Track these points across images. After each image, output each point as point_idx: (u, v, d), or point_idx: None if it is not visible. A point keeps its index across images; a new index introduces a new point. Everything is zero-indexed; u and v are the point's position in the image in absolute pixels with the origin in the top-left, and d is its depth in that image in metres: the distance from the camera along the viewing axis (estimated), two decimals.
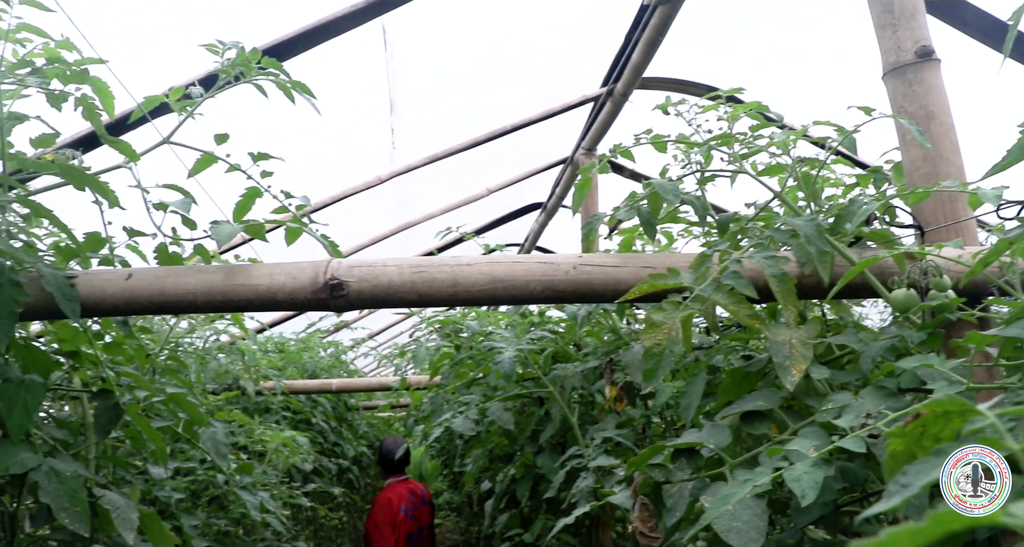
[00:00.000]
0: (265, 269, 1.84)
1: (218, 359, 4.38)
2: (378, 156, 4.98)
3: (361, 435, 7.99)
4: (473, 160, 5.41)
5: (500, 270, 1.83)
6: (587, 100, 5.06)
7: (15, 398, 1.86)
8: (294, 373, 6.08)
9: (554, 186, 6.84)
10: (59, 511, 1.88)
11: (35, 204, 1.83)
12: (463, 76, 4.67)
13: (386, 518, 5.85)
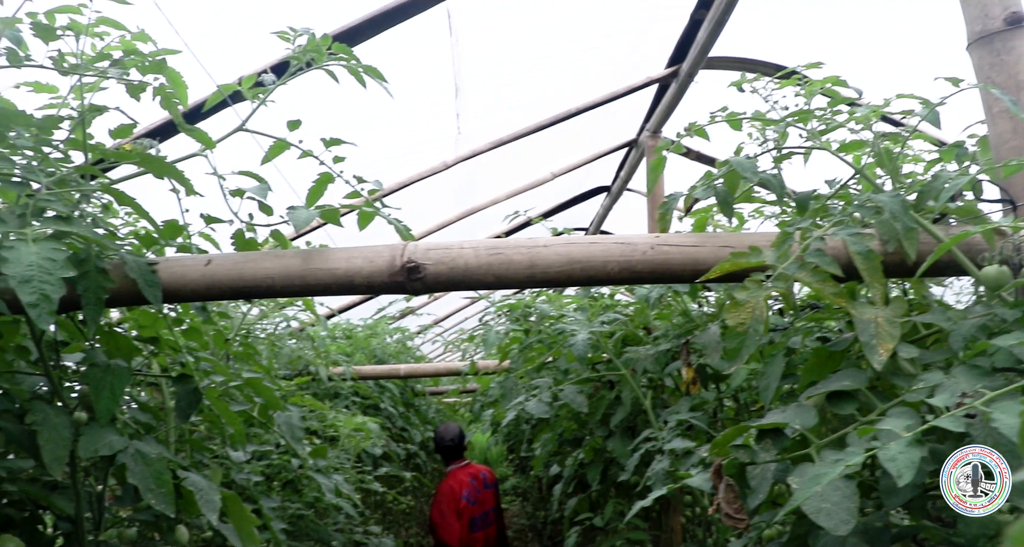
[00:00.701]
0: (342, 253, 1.85)
1: (289, 345, 4.44)
2: (443, 141, 4.99)
3: (428, 420, 8.05)
4: (537, 144, 5.39)
5: (577, 251, 1.81)
6: (652, 81, 5.00)
7: (102, 382, 1.90)
8: (362, 359, 6.13)
9: (618, 169, 6.79)
10: (146, 492, 1.92)
11: (118, 192, 1.86)
12: (527, 59, 4.65)
13: (450, 506, 5.86)
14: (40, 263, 1.54)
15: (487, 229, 6.97)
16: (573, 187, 7.24)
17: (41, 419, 1.83)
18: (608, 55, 5.11)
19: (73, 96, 2.22)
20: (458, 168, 5.03)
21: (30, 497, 2.18)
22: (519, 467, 10.19)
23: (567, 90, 5.11)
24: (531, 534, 9.90)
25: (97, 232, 1.80)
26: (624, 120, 5.94)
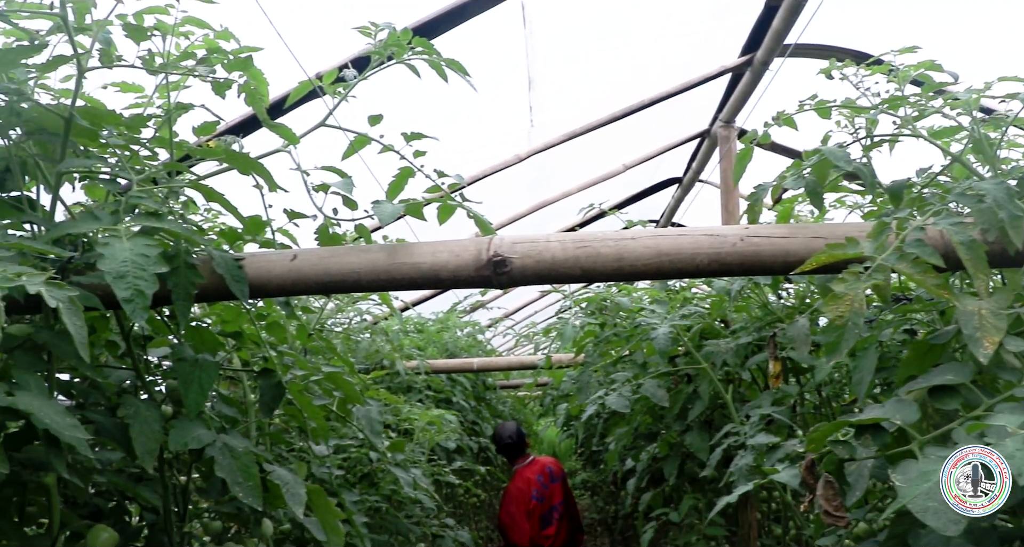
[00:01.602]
0: (428, 247, 1.84)
1: (362, 339, 4.47)
2: (516, 134, 4.98)
3: (498, 414, 8.06)
4: (609, 136, 5.35)
5: (665, 243, 1.78)
6: (726, 71, 4.93)
7: (191, 376, 1.93)
8: (434, 353, 6.16)
9: (690, 160, 6.71)
10: (233, 485, 1.94)
11: (207, 188, 1.88)
12: (600, 51, 4.61)
13: (519, 507, 5.80)
14: (134, 259, 1.56)
15: (558, 222, 6.94)
16: (644, 179, 7.18)
17: (133, 413, 1.86)
18: (681, 45, 5.05)
19: (158, 95, 2.26)
20: (530, 161, 5.01)
21: (117, 488, 2.23)
22: (588, 461, 10.17)
23: (639, 81, 5.06)
24: (600, 528, 9.86)
25: (187, 228, 1.82)
26: (696, 110, 5.87)
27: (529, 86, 4.50)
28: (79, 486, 1.98)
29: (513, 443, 6.02)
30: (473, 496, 6.58)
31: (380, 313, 5.06)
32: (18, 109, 1.88)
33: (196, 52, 2.10)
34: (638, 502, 4.86)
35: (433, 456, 4.46)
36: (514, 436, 6.04)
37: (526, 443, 6.17)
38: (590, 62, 4.71)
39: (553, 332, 4.56)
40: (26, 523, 2.03)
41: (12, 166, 2.00)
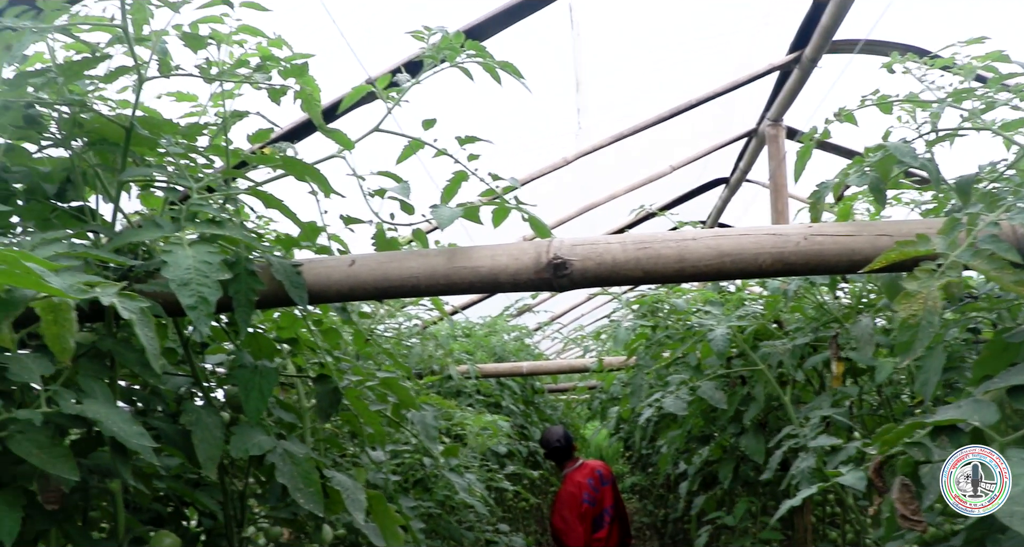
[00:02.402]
0: (486, 251, 1.83)
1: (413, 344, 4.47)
2: (564, 137, 4.96)
3: (547, 418, 8.03)
4: (656, 137, 5.31)
5: (727, 244, 1.75)
6: (773, 68, 4.88)
7: (251, 383, 1.93)
8: (483, 357, 6.15)
9: (737, 160, 6.65)
10: (295, 491, 1.94)
11: (266, 195, 1.89)
12: (647, 52, 4.59)
13: (572, 512, 5.79)
14: (197, 266, 1.56)
15: (605, 224, 6.91)
16: (691, 180, 7.13)
17: (195, 419, 1.87)
18: (728, 43, 5.00)
19: (211, 103, 2.27)
20: (577, 163, 4.99)
21: (175, 494, 2.24)
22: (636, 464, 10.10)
23: (686, 81, 5.02)
24: (649, 532, 9.79)
25: (247, 235, 1.82)
26: (743, 110, 5.81)
27: (577, 88, 4.49)
28: (143, 492, 2.00)
29: (561, 447, 6.01)
30: (523, 500, 6.56)
31: (429, 318, 5.07)
32: (80, 120, 1.90)
33: (249, 60, 2.11)
34: (690, 506, 4.82)
35: (485, 461, 4.45)
36: (562, 440, 6.04)
37: (574, 447, 6.16)
38: (637, 63, 4.68)
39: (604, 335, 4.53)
40: (88, 528, 2.05)
41: (74, 176, 2.03)
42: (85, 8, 1.75)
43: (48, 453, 1.50)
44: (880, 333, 2.50)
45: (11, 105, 1.70)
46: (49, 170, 2.04)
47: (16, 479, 1.57)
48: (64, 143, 1.93)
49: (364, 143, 2.22)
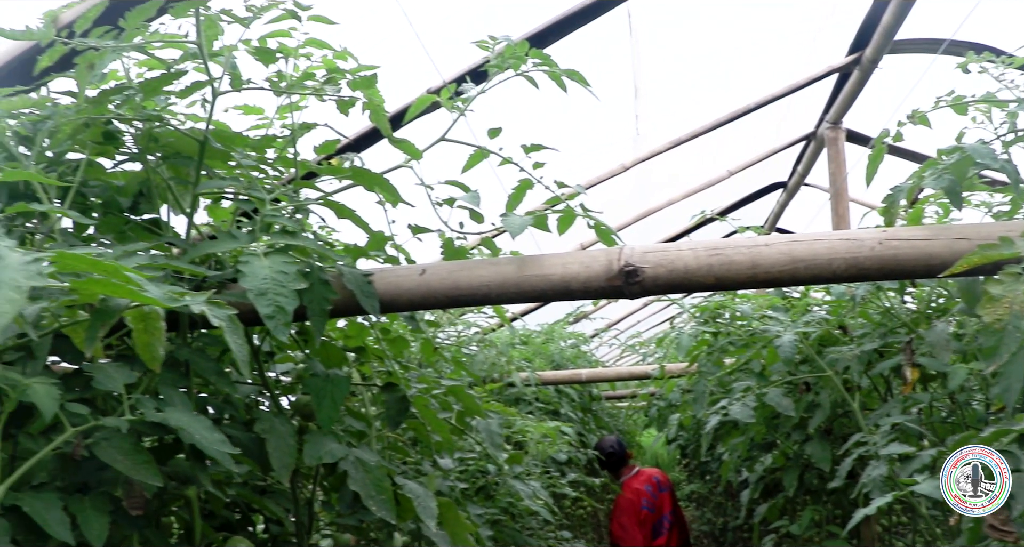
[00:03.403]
0: (557, 259, 1.84)
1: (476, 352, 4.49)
2: (622, 143, 4.95)
3: (603, 425, 8.00)
4: (713, 141, 5.28)
5: (800, 249, 1.74)
6: (833, 70, 4.82)
7: (323, 392, 1.95)
8: (542, 364, 6.15)
9: (795, 163, 6.58)
10: (367, 499, 1.95)
11: (339, 205, 1.91)
12: (704, 56, 4.57)
13: (631, 519, 5.79)
14: (273, 276, 1.59)
15: (661, 230, 6.87)
16: (748, 184, 7.06)
17: (268, 427, 1.89)
18: (786, 46, 4.96)
19: (277, 116, 2.31)
20: (634, 169, 4.98)
21: (243, 500, 2.27)
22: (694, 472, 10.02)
23: (744, 85, 4.99)
24: (708, 541, 9.69)
25: (321, 245, 1.85)
26: (801, 112, 5.75)
27: (635, 94, 4.48)
28: (219, 498, 2.03)
29: (617, 452, 6.02)
30: (580, 507, 6.54)
31: (486, 324, 5.08)
32: (156, 135, 1.94)
33: (315, 72, 2.14)
34: (751, 514, 4.77)
35: (546, 468, 4.45)
36: (615, 445, 6.06)
37: (628, 454, 6.15)
38: (694, 67, 4.66)
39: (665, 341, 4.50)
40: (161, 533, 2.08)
41: (150, 190, 2.07)
42: (162, 26, 1.79)
43: (132, 460, 1.53)
44: (952, 338, 2.45)
45: (93, 122, 1.74)
46: (123, 184, 2.09)
47: (101, 485, 1.60)
48: (140, 157, 1.97)
49: (428, 153, 2.24)
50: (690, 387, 4.96)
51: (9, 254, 0.80)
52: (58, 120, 1.61)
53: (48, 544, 1.40)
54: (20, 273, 0.76)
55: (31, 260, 0.79)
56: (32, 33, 1.57)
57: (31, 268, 0.77)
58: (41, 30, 1.56)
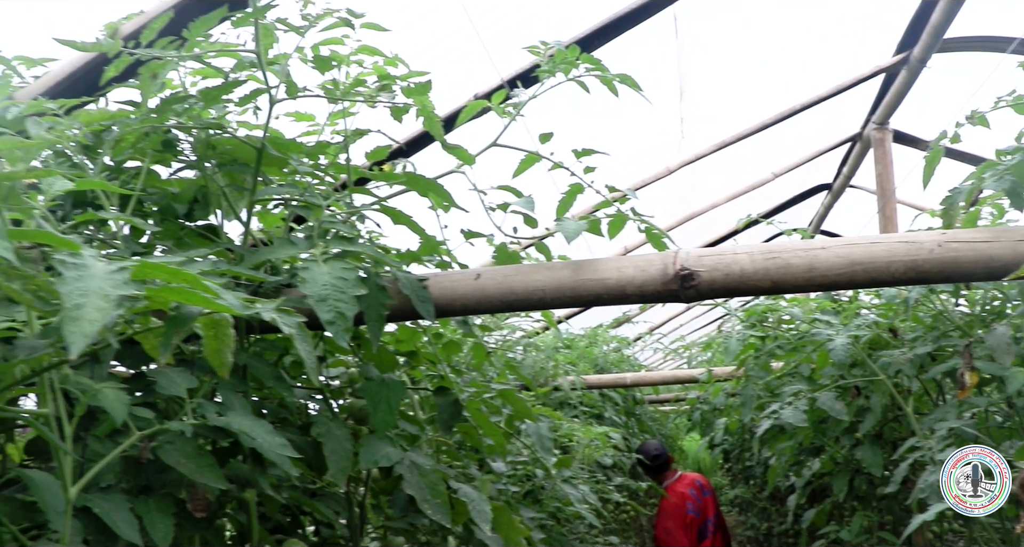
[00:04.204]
0: (612, 263, 1.84)
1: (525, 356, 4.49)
2: (666, 146, 4.94)
3: (646, 429, 7.97)
4: (757, 144, 5.25)
5: (858, 252, 1.72)
6: (880, 71, 4.78)
7: (379, 396, 1.97)
8: (586, 368, 6.15)
9: (840, 165, 6.52)
10: (422, 502, 1.97)
11: (395, 211, 1.93)
12: (749, 58, 4.55)
13: (677, 523, 5.78)
14: (333, 282, 1.61)
15: (704, 233, 6.84)
16: (792, 186, 7.01)
17: (325, 431, 1.91)
18: (831, 47, 4.93)
19: (327, 122, 2.33)
20: (678, 172, 4.96)
21: (295, 503, 2.30)
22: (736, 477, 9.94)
23: (789, 86, 4.96)
24: (752, 546, 9.61)
25: (378, 251, 1.86)
26: (846, 113, 5.71)
27: (680, 97, 4.46)
28: (277, 500, 2.06)
29: (660, 458, 6.02)
30: (623, 512, 6.52)
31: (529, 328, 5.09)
32: (213, 142, 1.97)
33: (366, 79, 2.16)
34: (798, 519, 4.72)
35: (593, 473, 4.45)
36: (659, 448, 6.07)
37: (671, 458, 6.16)
38: (739, 69, 4.64)
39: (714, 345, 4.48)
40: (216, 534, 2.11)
41: (205, 196, 2.11)
42: (223, 35, 1.82)
43: (195, 463, 1.56)
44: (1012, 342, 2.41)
45: (155, 130, 1.77)
46: (178, 191, 2.13)
47: (163, 487, 1.63)
48: (198, 165, 2.00)
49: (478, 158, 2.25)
50: (734, 391, 4.94)
51: (94, 263, 0.82)
52: (122, 129, 1.64)
53: (116, 545, 1.43)
54: (106, 282, 0.78)
55: (116, 269, 0.81)
56: (100, 45, 1.60)
57: (116, 277, 0.79)
58: (109, 42, 1.59)
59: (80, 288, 0.76)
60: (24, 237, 0.84)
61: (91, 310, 0.74)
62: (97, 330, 0.73)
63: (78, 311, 0.74)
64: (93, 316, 0.74)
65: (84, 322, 0.73)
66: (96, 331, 0.73)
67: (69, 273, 0.78)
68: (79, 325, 0.73)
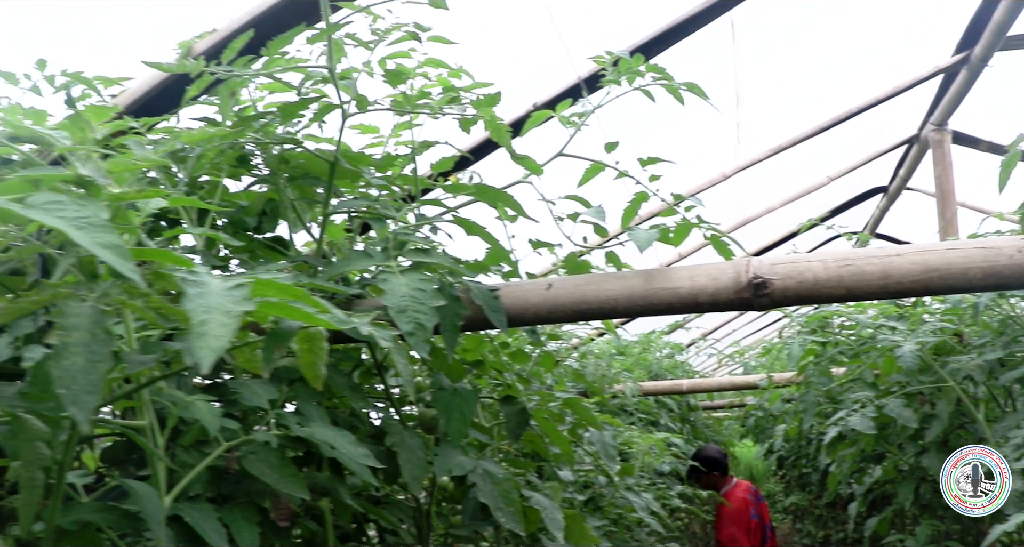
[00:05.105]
0: (684, 272, 1.84)
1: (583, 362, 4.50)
2: (722, 152, 4.92)
3: (700, 436, 7.93)
4: (812, 147, 5.21)
5: (934, 258, 1.71)
6: (939, 71, 4.72)
7: (452, 405, 1.99)
8: (640, 375, 6.14)
9: (896, 167, 6.44)
10: (495, 510, 1.98)
11: (468, 222, 1.95)
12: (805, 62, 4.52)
13: (741, 527, 5.77)
14: (411, 294, 1.63)
15: (758, 239, 6.79)
16: (847, 190, 6.94)
17: (399, 440, 1.93)
18: (888, 49, 4.88)
19: (390, 134, 2.37)
20: (734, 177, 4.94)
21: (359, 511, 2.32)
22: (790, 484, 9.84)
23: (846, 89, 4.92)
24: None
25: (453, 262, 1.89)
26: (902, 115, 5.64)
27: (736, 103, 4.45)
28: (350, 509, 2.08)
29: (720, 464, 6.00)
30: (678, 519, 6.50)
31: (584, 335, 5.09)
32: (286, 156, 2.01)
33: (430, 90, 2.19)
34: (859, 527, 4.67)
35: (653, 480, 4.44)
36: (720, 453, 6.05)
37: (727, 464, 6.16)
38: (795, 74, 4.61)
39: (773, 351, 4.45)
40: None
41: (276, 209, 2.15)
42: (298, 52, 1.86)
43: (279, 473, 1.59)
44: None
45: (234, 146, 1.81)
46: (247, 204, 2.17)
47: (246, 496, 1.66)
48: (272, 179, 2.04)
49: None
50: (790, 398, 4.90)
51: (210, 280, 0.85)
52: (205, 146, 1.68)
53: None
54: (226, 299, 0.81)
55: (232, 286, 0.83)
56: (184, 65, 1.64)
57: (235, 294, 0.82)
58: (192, 63, 1.63)
59: (203, 305, 0.79)
60: (142, 256, 0.87)
61: (215, 326, 0.77)
62: (224, 346, 0.76)
63: (203, 327, 0.76)
64: (218, 332, 0.76)
65: (210, 338, 0.76)
66: (223, 347, 0.76)
67: (191, 290, 0.80)
68: (206, 341, 0.75)
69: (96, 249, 0.78)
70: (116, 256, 0.78)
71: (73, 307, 0.83)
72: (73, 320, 0.82)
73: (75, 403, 0.79)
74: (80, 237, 0.78)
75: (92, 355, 0.81)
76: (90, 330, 0.81)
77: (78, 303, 0.83)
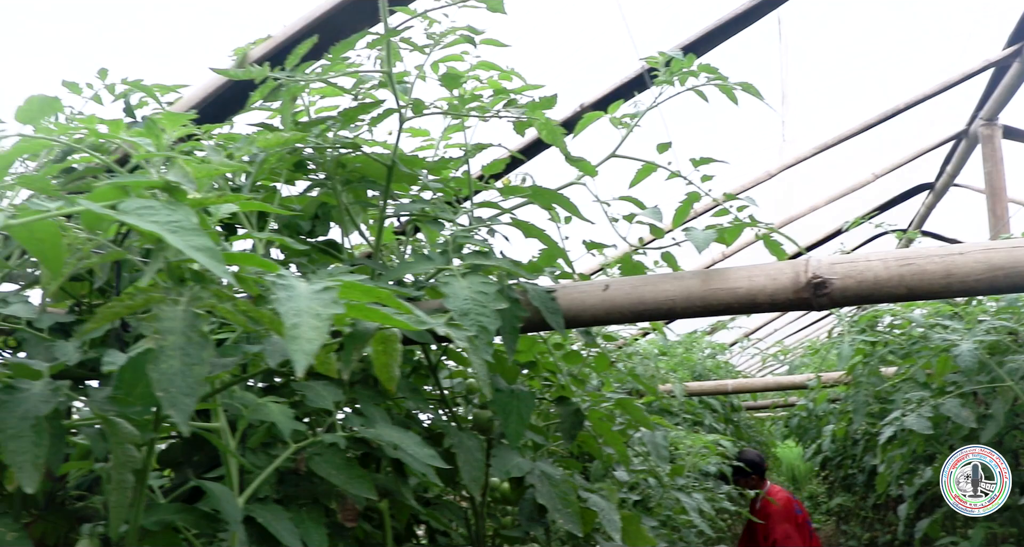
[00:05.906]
0: (743, 272, 1.83)
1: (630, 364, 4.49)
2: (767, 150, 4.89)
3: (743, 436, 7.88)
4: (857, 145, 5.17)
5: (999, 257, 1.69)
6: (990, 65, 4.66)
7: (509, 407, 1.99)
8: (684, 375, 6.12)
9: (944, 163, 6.37)
10: (553, 512, 1.99)
11: (526, 224, 1.96)
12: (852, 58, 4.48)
13: (791, 525, 5.78)
14: (473, 297, 1.64)
15: (803, 237, 6.73)
16: (893, 187, 6.86)
17: (457, 442, 1.94)
18: (935, 43, 4.82)
19: (441, 137, 2.38)
20: (779, 175, 4.91)
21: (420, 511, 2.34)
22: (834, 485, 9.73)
23: (893, 84, 4.86)
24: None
25: (512, 264, 1.89)
26: (950, 111, 5.57)
27: (783, 100, 4.42)
28: (407, 510, 2.10)
29: (760, 467, 6.01)
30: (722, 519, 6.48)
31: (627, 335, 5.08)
32: (343, 160, 2.03)
33: (481, 93, 2.20)
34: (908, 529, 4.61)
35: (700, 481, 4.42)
36: (760, 461, 6.07)
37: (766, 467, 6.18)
38: (842, 70, 4.57)
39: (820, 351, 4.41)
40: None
41: (329, 212, 2.17)
42: (358, 57, 1.88)
43: (346, 474, 1.60)
44: None
45: (295, 151, 1.83)
46: (300, 208, 2.20)
47: (312, 497, 1.68)
48: (329, 183, 2.06)
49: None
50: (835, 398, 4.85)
51: (298, 284, 0.86)
52: (269, 152, 1.70)
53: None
54: (314, 302, 0.82)
55: (320, 289, 0.85)
56: (250, 72, 1.66)
57: (324, 296, 0.83)
58: (257, 69, 1.65)
59: (293, 308, 0.80)
60: (232, 260, 0.89)
61: (306, 329, 0.78)
62: (317, 348, 0.77)
63: (296, 330, 0.78)
64: (310, 335, 0.77)
65: (303, 341, 0.77)
66: (316, 349, 0.77)
67: (281, 293, 0.82)
68: (299, 344, 0.77)
69: (192, 252, 0.80)
70: (210, 259, 0.80)
71: (167, 311, 0.84)
72: (168, 324, 0.84)
73: (174, 405, 0.81)
74: (175, 240, 0.80)
75: (188, 358, 0.82)
76: (185, 333, 0.83)
77: (171, 307, 0.85)
